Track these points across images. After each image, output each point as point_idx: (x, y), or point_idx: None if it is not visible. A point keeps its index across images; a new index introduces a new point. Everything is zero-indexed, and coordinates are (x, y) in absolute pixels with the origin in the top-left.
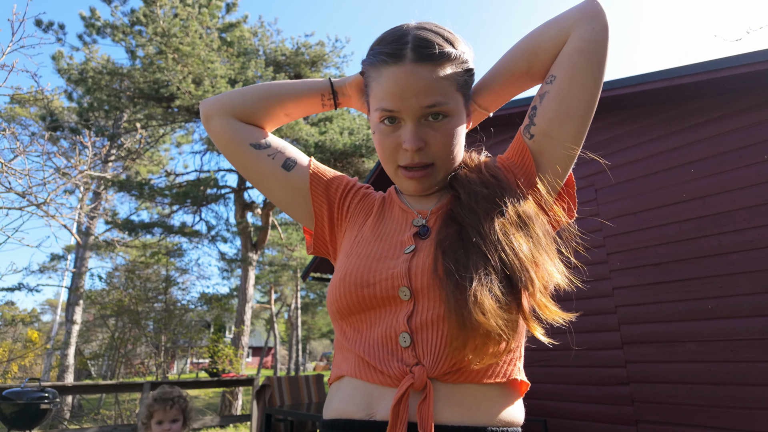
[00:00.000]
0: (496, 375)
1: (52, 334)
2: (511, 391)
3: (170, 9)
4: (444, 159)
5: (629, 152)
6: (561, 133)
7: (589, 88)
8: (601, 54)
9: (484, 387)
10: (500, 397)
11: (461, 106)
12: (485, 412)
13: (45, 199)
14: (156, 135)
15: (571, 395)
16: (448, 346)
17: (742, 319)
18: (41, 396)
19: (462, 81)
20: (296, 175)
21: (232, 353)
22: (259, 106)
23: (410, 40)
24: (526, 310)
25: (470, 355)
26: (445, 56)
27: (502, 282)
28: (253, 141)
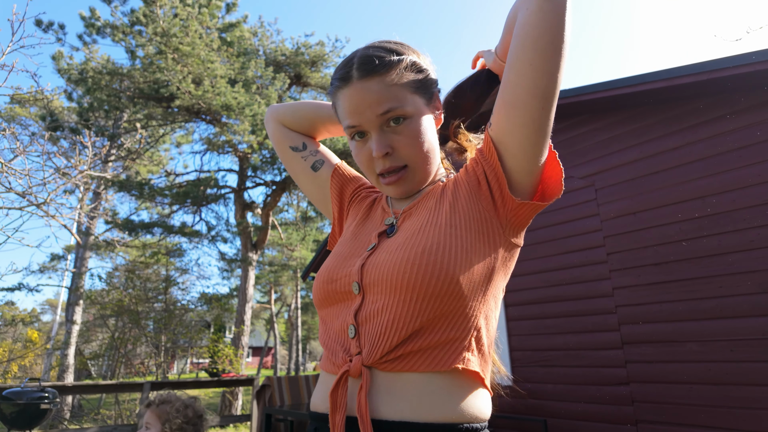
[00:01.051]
0: (440, 363)
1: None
2: (460, 382)
3: (170, 9)
4: (415, 159)
5: (629, 152)
6: (508, 123)
7: (528, 75)
8: (535, 37)
9: (426, 377)
10: (446, 389)
11: (422, 106)
12: (427, 406)
13: (45, 199)
14: (156, 135)
15: (571, 395)
16: (388, 330)
17: (742, 319)
18: (41, 396)
19: (418, 83)
20: (321, 175)
21: (232, 353)
22: (303, 122)
23: (355, 62)
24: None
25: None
26: (388, 65)
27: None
28: (292, 144)
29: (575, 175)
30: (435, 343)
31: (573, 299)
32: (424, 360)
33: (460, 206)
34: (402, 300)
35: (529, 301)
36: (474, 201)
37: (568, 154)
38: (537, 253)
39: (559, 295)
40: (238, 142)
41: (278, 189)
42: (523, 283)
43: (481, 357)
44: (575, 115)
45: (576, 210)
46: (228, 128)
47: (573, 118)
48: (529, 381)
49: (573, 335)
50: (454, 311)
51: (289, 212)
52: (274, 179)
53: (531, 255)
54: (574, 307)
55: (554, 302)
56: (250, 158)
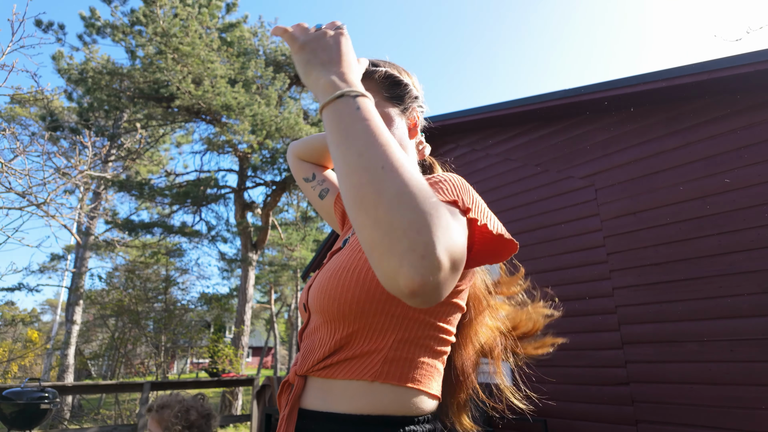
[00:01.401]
0: (360, 373)
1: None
2: (383, 387)
3: (170, 9)
4: None
5: (629, 152)
6: None
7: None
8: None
9: (346, 382)
10: (365, 390)
11: (394, 113)
12: (348, 400)
13: (45, 199)
14: (156, 135)
15: (571, 395)
16: (316, 347)
17: (742, 319)
18: (41, 396)
19: (392, 93)
20: (326, 203)
21: (232, 353)
22: (313, 153)
23: None
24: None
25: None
26: (373, 77)
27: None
28: (304, 176)
29: (575, 175)
30: (351, 356)
31: (573, 299)
32: (347, 370)
33: None
34: (324, 321)
35: None
36: None
37: (568, 154)
38: (537, 253)
39: (559, 295)
40: (238, 142)
41: (278, 189)
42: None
43: (407, 365)
44: (575, 115)
45: (576, 210)
46: (228, 128)
47: (573, 118)
48: (529, 381)
49: (573, 335)
50: (364, 328)
51: (289, 212)
52: (274, 179)
53: (531, 255)
54: (574, 307)
55: (554, 302)
56: (250, 158)
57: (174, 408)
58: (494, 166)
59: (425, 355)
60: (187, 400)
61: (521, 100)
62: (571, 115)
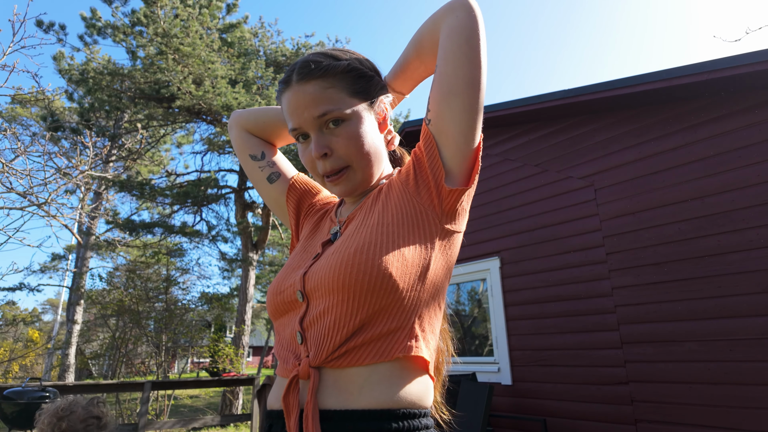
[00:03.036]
0: (383, 354)
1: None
2: (401, 371)
3: (171, 9)
4: (356, 158)
5: (629, 152)
6: (449, 110)
7: (464, 66)
8: (468, 35)
9: (368, 369)
10: (387, 378)
11: (362, 109)
12: (366, 395)
13: (46, 199)
14: (157, 135)
15: (570, 395)
16: (331, 330)
17: (741, 318)
18: (42, 396)
19: (357, 87)
20: (276, 188)
21: (233, 353)
22: (265, 128)
23: (296, 67)
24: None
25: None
26: (325, 69)
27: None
28: (251, 152)
29: (575, 175)
30: (377, 335)
31: (572, 299)
32: (368, 353)
33: (392, 204)
34: (340, 300)
35: (528, 301)
36: (407, 197)
37: (568, 154)
38: (537, 253)
39: (558, 294)
40: None
41: None
42: (522, 283)
43: (425, 343)
44: (575, 115)
45: (575, 210)
46: None
47: (573, 118)
48: (529, 381)
49: (572, 335)
50: (392, 304)
51: None
52: None
53: (531, 255)
54: (574, 307)
55: (554, 302)
56: None
57: (43, 420)
58: (494, 166)
59: (433, 338)
60: (60, 408)
61: (521, 100)
62: (571, 115)
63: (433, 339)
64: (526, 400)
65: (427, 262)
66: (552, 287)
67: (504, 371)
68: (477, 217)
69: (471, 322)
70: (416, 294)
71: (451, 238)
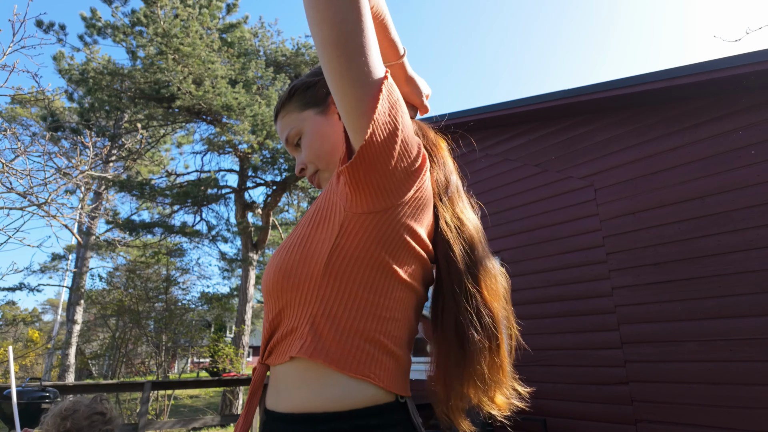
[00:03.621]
0: (284, 354)
1: (53, 333)
2: (307, 373)
3: (171, 9)
4: (319, 161)
5: (629, 152)
6: (329, 86)
7: (312, 29)
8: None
9: (284, 368)
10: (299, 379)
11: (312, 116)
12: (284, 396)
13: (46, 199)
14: (157, 135)
15: (570, 395)
16: (263, 330)
17: (741, 318)
18: (42, 395)
19: (305, 100)
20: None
21: (233, 353)
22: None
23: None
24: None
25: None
26: (282, 105)
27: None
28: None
29: (575, 175)
30: (283, 335)
31: (572, 299)
32: (278, 353)
33: (319, 198)
34: (265, 301)
35: (528, 301)
36: (330, 187)
37: (568, 154)
38: (537, 253)
39: (558, 294)
40: (239, 143)
41: (279, 189)
42: (522, 283)
43: (323, 341)
44: (575, 115)
45: (575, 210)
46: (228, 128)
47: (573, 118)
48: (529, 381)
49: (572, 335)
50: (292, 302)
51: (290, 212)
52: (275, 179)
53: (531, 255)
54: (574, 307)
55: (554, 302)
56: (251, 158)
57: (50, 415)
58: (494, 166)
59: (357, 335)
60: (64, 409)
61: (521, 100)
62: (571, 115)
63: (353, 334)
64: (526, 399)
65: (329, 255)
66: (552, 287)
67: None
68: (477, 216)
69: None
70: (318, 291)
71: (366, 220)
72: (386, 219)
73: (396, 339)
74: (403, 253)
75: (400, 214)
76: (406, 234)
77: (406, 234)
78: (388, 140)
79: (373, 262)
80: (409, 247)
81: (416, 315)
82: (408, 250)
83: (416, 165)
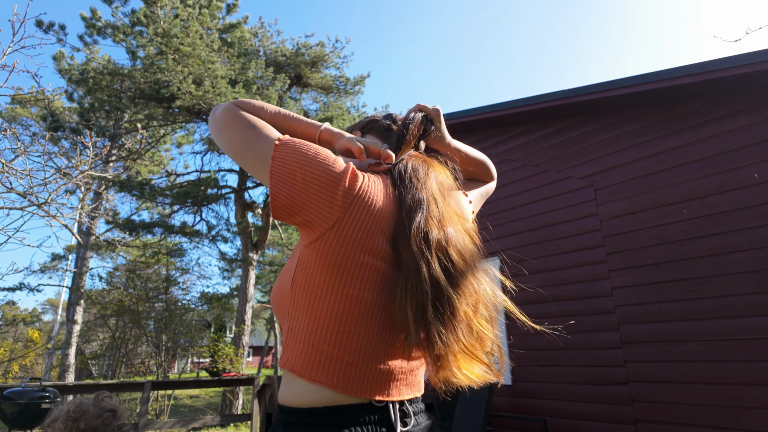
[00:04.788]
0: (283, 363)
1: (53, 333)
2: (289, 377)
3: (171, 10)
4: None
5: (629, 152)
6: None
7: (223, 147)
8: (213, 131)
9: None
10: (284, 380)
11: None
12: (279, 392)
13: (46, 199)
14: (157, 135)
15: (570, 395)
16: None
17: (741, 318)
18: (42, 396)
19: None
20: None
21: (233, 353)
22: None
23: None
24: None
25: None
26: None
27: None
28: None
29: (575, 175)
30: (284, 347)
31: (572, 299)
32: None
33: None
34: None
35: (529, 301)
36: None
37: (568, 154)
38: (537, 253)
39: (558, 294)
40: None
41: None
42: (522, 283)
43: (296, 352)
44: (575, 115)
45: (575, 210)
46: None
47: (573, 118)
48: (529, 381)
49: (573, 335)
50: (282, 320)
51: None
52: None
53: (531, 255)
54: (574, 307)
55: (554, 302)
56: None
57: (59, 419)
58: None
59: (313, 348)
60: (72, 410)
61: (521, 100)
62: (571, 115)
63: (311, 348)
64: (526, 400)
65: (291, 283)
66: (552, 287)
67: (504, 371)
68: (477, 217)
69: None
70: (292, 311)
71: (311, 250)
72: (324, 245)
73: (351, 349)
74: (349, 270)
75: (336, 238)
76: (350, 252)
77: (350, 252)
78: (288, 188)
79: (321, 285)
80: (356, 263)
81: (379, 322)
82: (355, 267)
83: (335, 196)
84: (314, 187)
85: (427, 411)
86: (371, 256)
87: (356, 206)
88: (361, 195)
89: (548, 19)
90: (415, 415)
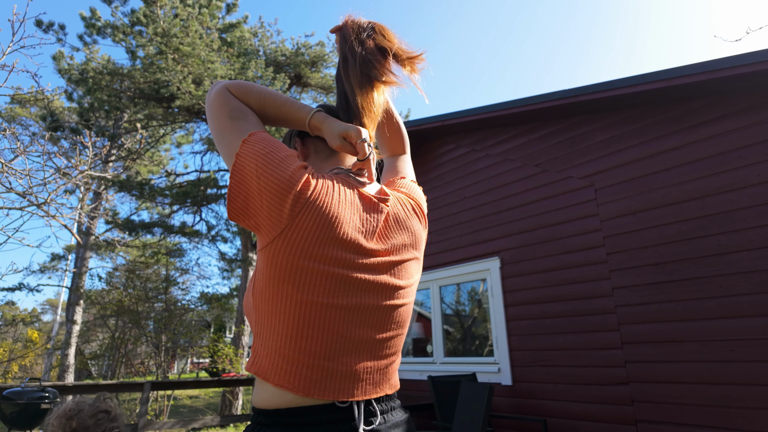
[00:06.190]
0: (250, 367)
1: (52, 334)
2: (258, 380)
3: (170, 9)
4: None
5: (629, 152)
6: None
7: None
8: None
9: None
10: (256, 384)
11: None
12: (252, 396)
13: (45, 199)
14: (156, 135)
15: (570, 395)
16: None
17: (741, 318)
18: (42, 396)
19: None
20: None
21: (233, 353)
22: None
23: None
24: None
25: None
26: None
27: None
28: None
29: (575, 175)
30: (252, 351)
31: (573, 299)
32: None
33: None
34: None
35: (528, 301)
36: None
37: (568, 154)
38: (537, 253)
39: (558, 295)
40: None
41: None
42: (523, 283)
43: (261, 357)
44: (575, 115)
45: (576, 210)
46: None
47: (573, 118)
48: (529, 381)
49: (573, 335)
50: (250, 324)
51: None
52: None
53: (531, 255)
54: (574, 307)
55: (554, 302)
56: None
57: (54, 416)
58: (494, 166)
59: (276, 353)
60: (68, 409)
61: (521, 100)
62: (571, 115)
63: (274, 353)
64: (527, 400)
65: (253, 290)
66: (552, 287)
67: (504, 371)
68: (477, 217)
69: (471, 322)
70: (254, 319)
71: (264, 256)
72: (273, 252)
73: (312, 353)
74: (297, 277)
75: (283, 246)
76: (298, 260)
77: (298, 260)
78: (245, 190)
79: (275, 291)
80: (304, 270)
81: (339, 324)
82: (303, 274)
83: (284, 204)
84: (266, 193)
85: (426, 411)
86: (322, 263)
87: (306, 214)
88: (313, 202)
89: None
90: (383, 414)
